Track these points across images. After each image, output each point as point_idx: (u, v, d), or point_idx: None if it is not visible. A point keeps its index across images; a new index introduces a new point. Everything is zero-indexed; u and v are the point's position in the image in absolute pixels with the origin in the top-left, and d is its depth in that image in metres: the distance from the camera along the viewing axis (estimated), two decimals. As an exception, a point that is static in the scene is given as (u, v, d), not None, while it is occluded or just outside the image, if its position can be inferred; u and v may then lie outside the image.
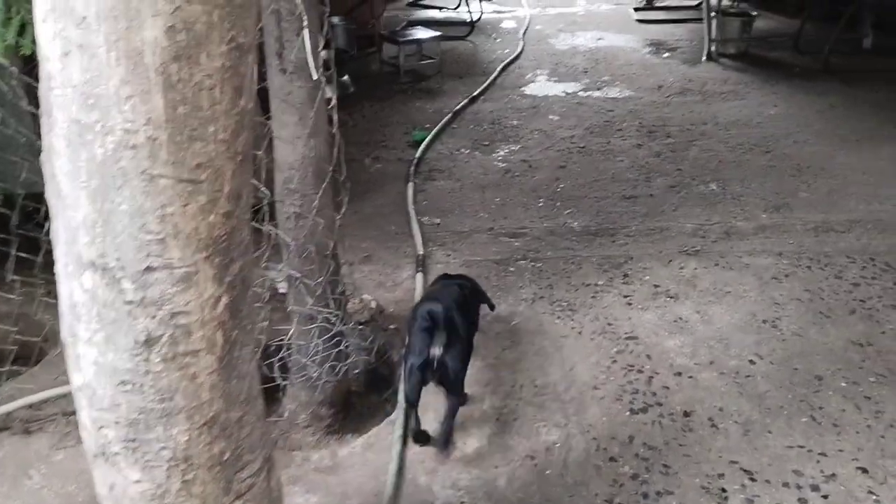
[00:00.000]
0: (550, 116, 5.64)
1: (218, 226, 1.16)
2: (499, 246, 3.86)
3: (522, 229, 4.01)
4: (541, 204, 4.30)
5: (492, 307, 3.05)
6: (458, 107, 5.80)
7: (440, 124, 5.44)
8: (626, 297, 3.39)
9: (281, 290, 3.09)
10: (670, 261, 3.66)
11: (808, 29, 7.02)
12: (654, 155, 4.89)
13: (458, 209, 4.27)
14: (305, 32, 2.49)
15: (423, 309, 2.47)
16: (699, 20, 7.61)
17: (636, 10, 8.83)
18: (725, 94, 5.97)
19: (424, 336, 2.39)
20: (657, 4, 9.12)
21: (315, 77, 2.55)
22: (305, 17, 2.45)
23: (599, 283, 3.51)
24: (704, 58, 6.87)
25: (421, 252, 3.75)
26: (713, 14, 6.93)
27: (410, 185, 4.50)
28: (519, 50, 7.37)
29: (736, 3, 7.82)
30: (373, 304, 3.25)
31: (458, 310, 2.52)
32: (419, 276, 3.54)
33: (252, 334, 1.33)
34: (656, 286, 3.46)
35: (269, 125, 2.74)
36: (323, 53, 6.19)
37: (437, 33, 6.79)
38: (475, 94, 6.10)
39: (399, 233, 3.99)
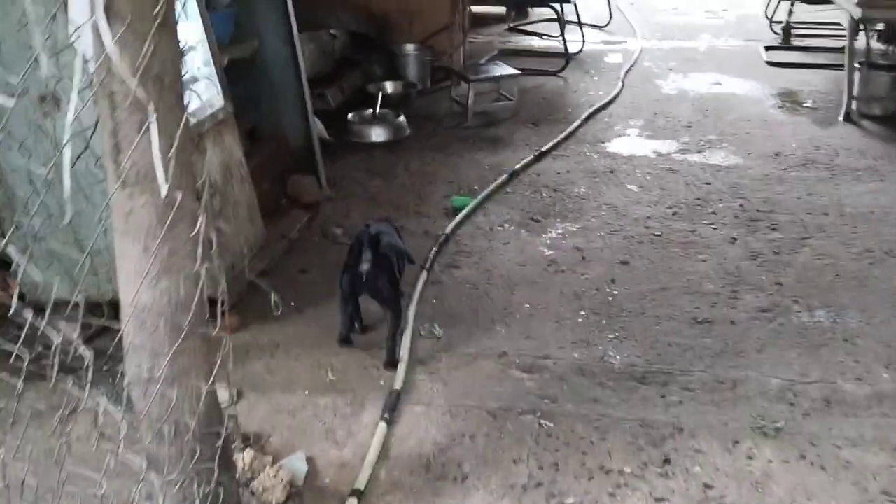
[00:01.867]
0: (629, 186, 4.57)
1: None
2: (505, 385, 2.88)
3: (544, 359, 3.01)
4: (580, 319, 3.28)
5: (411, 261, 3.16)
6: (518, 165, 4.82)
7: (490, 188, 4.49)
8: (659, 501, 2.34)
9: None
10: (736, 442, 2.57)
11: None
12: (749, 256, 3.76)
13: (473, 317, 3.31)
14: (153, 129, 1.62)
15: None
16: (842, 66, 6.30)
17: (767, 49, 7.54)
18: (861, 171, 4.70)
19: (355, 254, 2.84)
20: (795, 43, 7.78)
21: (164, 193, 1.66)
22: (153, 107, 1.58)
23: (626, 469, 2.47)
24: (841, 118, 5.59)
25: (398, 387, 2.82)
26: (857, 64, 5.62)
27: (423, 274, 3.56)
28: (616, 92, 6.30)
29: (891, 50, 6.43)
30: (287, 483, 2.34)
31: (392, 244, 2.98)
32: (382, 426, 2.61)
33: None
34: (707, 487, 2.39)
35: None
36: (389, 86, 5.36)
37: (514, 71, 5.82)
38: (545, 148, 5.09)
39: (386, 347, 3.07)
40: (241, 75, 3.92)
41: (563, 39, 7.02)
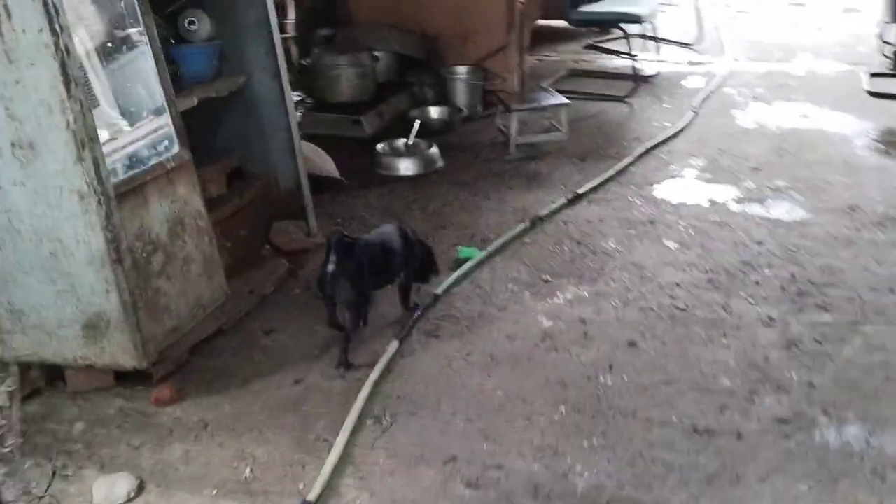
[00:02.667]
0: (666, 242, 4.02)
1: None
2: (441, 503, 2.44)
3: (497, 469, 2.57)
4: (557, 416, 2.80)
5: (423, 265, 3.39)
6: (546, 211, 4.34)
7: (501, 239, 4.03)
8: None
9: None
10: None
11: None
12: (784, 344, 3.17)
13: (434, 404, 2.90)
14: None
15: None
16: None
17: (873, 76, 6.66)
18: (952, 238, 3.97)
19: (325, 255, 2.93)
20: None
21: None
22: None
23: None
24: (944, 166, 4.80)
25: (313, 498, 2.43)
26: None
27: (394, 344, 3.16)
28: (684, 123, 5.68)
29: None
30: None
31: (377, 246, 3.17)
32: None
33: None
34: None
35: None
36: (432, 112, 4.98)
37: (563, 100, 5.31)
38: (582, 190, 4.58)
39: (324, 435, 2.70)
40: (228, 112, 3.64)
41: (633, 61, 6.42)
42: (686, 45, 7.89)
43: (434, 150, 5.10)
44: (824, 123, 5.67)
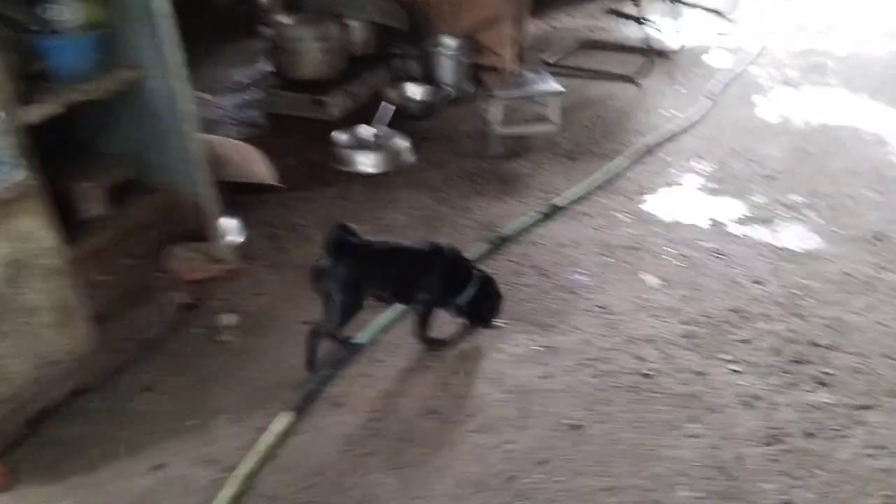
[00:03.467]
0: (645, 277, 3.39)
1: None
2: None
3: None
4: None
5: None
6: (513, 230, 3.71)
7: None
8: None
9: None
10: None
11: None
12: (765, 437, 2.56)
13: (314, 506, 2.34)
14: None
15: None
16: None
17: (925, 57, 5.82)
18: None
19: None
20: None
21: None
22: None
23: None
24: None
25: None
26: None
27: (284, 418, 2.61)
28: (697, 115, 4.95)
29: None
30: None
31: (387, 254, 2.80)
32: None
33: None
34: None
35: None
36: (410, 93, 4.33)
37: (557, 88, 4.60)
38: (560, 202, 3.93)
39: None
40: (121, 114, 3.06)
41: (649, 33, 5.63)
42: (719, 12, 7.04)
43: (403, 141, 4.46)
44: (859, 118, 4.89)
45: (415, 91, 5.15)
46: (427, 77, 5.30)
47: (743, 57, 5.96)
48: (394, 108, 4.62)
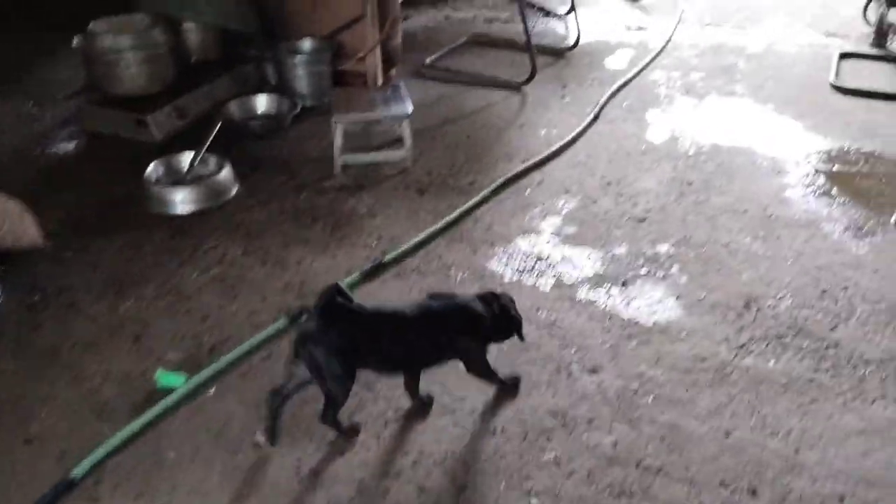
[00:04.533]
0: (443, 378, 2.79)
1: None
2: None
3: None
4: None
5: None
6: (314, 302, 3.11)
7: (232, 355, 2.83)
8: None
9: None
10: None
11: None
12: None
13: None
14: None
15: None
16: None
17: (843, 57, 5.26)
18: (871, 371, 2.74)
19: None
20: (893, 51, 5.45)
21: None
22: None
23: None
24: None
25: None
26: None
27: None
28: (573, 134, 4.36)
29: None
30: None
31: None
32: None
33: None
34: None
35: None
36: (253, 107, 3.63)
37: (404, 112, 3.99)
38: (387, 257, 3.35)
39: None
40: None
41: (525, 29, 5.00)
42: (632, -1, 6.43)
43: (225, 172, 3.85)
44: (758, 138, 4.35)
45: (261, 104, 4.53)
46: (279, 87, 4.67)
47: (644, 56, 5.36)
48: (230, 125, 4.01)
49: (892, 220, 3.55)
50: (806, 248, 3.40)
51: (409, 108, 3.98)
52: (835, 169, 4.01)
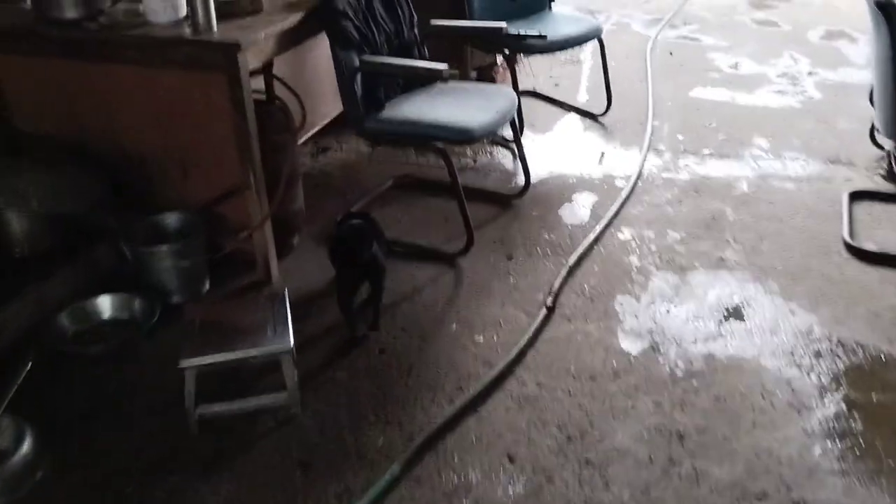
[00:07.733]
0: None
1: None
2: None
3: None
4: None
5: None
6: None
7: None
8: None
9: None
10: None
11: None
12: None
13: None
14: None
15: None
16: None
17: (853, 197, 4.25)
18: None
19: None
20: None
21: None
22: None
23: None
24: None
25: None
26: None
27: None
28: (523, 341, 3.31)
29: None
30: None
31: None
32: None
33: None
34: None
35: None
36: (107, 307, 2.49)
37: (282, 344, 2.86)
38: None
39: None
40: None
41: (456, 188, 3.93)
42: (593, 116, 5.42)
43: (25, 448, 2.67)
44: (765, 345, 3.26)
45: (106, 308, 3.39)
46: (137, 279, 3.54)
47: (608, 200, 4.31)
48: (56, 349, 2.87)
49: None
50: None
51: (289, 341, 2.85)
52: (875, 400, 2.92)
